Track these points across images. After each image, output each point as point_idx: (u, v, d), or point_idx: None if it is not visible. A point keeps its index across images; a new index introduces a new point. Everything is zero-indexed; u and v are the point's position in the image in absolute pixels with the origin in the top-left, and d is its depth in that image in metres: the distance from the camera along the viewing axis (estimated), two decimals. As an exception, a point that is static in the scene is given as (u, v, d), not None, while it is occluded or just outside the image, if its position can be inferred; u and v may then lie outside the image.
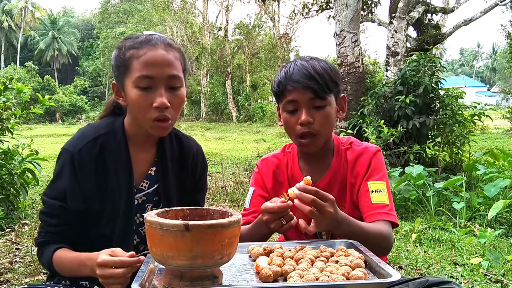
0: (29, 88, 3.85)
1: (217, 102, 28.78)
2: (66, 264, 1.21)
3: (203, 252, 0.91)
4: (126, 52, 1.22)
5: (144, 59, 1.19)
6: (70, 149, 1.25)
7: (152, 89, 1.20)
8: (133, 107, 1.23)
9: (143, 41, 1.22)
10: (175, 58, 1.23)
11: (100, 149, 1.26)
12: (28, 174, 3.84)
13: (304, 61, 1.36)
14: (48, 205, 1.25)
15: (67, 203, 1.23)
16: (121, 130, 1.31)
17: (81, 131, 1.32)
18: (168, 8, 28.40)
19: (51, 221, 1.24)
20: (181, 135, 1.45)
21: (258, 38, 29.49)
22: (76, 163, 1.24)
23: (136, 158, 1.31)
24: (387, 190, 1.38)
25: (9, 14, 45.96)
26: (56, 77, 46.59)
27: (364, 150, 1.43)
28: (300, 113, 1.33)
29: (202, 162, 1.46)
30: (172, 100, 1.22)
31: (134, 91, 1.20)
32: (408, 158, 4.72)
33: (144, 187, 1.34)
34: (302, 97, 1.31)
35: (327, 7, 11.16)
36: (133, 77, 1.20)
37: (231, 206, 4.48)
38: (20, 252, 2.95)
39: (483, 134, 12.53)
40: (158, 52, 1.20)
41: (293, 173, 1.47)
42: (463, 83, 39.10)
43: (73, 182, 1.23)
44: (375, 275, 1.07)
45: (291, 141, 1.48)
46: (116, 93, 1.29)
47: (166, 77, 1.20)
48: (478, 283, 2.35)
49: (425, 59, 5.15)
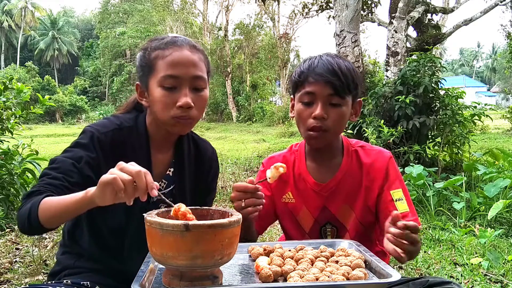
0: (29, 88, 3.85)
1: (217, 102, 28.77)
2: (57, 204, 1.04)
3: (203, 252, 0.91)
4: (151, 52, 1.23)
5: (170, 59, 1.20)
6: (95, 129, 1.23)
7: (177, 89, 1.21)
8: (157, 106, 1.23)
9: (168, 42, 1.23)
10: (199, 59, 1.25)
11: (122, 140, 1.26)
12: (28, 174, 3.84)
13: (330, 57, 1.35)
14: (58, 161, 1.16)
15: (80, 165, 1.16)
16: (144, 127, 1.31)
17: (107, 118, 1.32)
18: (168, 8, 28.39)
19: (55, 174, 1.13)
20: (197, 138, 1.46)
21: (258, 38, 29.48)
22: (97, 143, 1.21)
23: (156, 158, 1.32)
24: (405, 194, 1.38)
25: (9, 14, 45.94)
26: (56, 77, 46.57)
27: (379, 154, 1.42)
28: (316, 106, 1.31)
29: (215, 166, 1.48)
30: (196, 100, 1.23)
31: (158, 90, 1.21)
32: (408, 158, 4.72)
33: (162, 187, 1.35)
34: (321, 91, 1.30)
35: (327, 7, 11.16)
36: (158, 76, 1.20)
37: (231, 206, 4.49)
38: (20, 252, 2.95)
39: (483, 134, 12.53)
40: (184, 52, 1.22)
41: (300, 172, 1.45)
42: (463, 83, 39.09)
43: (94, 153, 1.19)
44: (375, 275, 1.07)
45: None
46: (139, 93, 1.30)
47: (191, 77, 1.21)
48: (478, 283, 2.35)
49: (425, 59, 5.14)
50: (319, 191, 1.41)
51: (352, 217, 1.42)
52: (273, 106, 24.63)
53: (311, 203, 1.43)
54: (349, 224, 1.42)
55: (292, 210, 1.46)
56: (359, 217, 1.41)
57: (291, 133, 16.04)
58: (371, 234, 1.48)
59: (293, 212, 1.46)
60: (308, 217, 1.44)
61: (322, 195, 1.41)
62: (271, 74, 29.72)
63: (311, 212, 1.43)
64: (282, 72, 28.20)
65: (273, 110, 23.01)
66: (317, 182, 1.42)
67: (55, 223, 1.07)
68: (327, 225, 1.43)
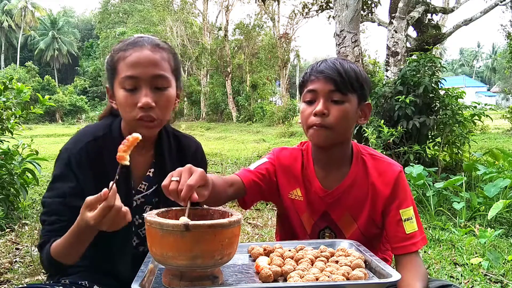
0: (29, 88, 3.85)
1: (217, 102, 28.77)
2: (63, 244, 1.15)
3: (203, 252, 0.91)
4: (114, 55, 1.24)
5: (129, 60, 1.20)
6: (68, 149, 1.25)
7: (137, 89, 1.20)
8: (121, 108, 1.24)
9: (130, 43, 1.23)
10: (162, 58, 1.23)
11: (98, 150, 1.26)
12: (28, 174, 3.84)
13: (335, 59, 1.34)
14: (47, 204, 1.23)
15: (67, 200, 1.22)
16: (118, 132, 1.30)
17: (79, 132, 1.32)
18: (168, 8, 28.39)
19: (50, 219, 1.22)
20: (179, 134, 1.44)
21: (258, 38, 29.47)
22: (75, 164, 1.23)
23: (134, 161, 1.30)
24: (414, 211, 1.33)
25: (9, 14, 45.94)
26: (56, 77, 46.59)
27: (388, 167, 1.37)
28: (317, 103, 1.29)
29: (201, 160, 1.45)
30: (158, 100, 1.21)
31: (120, 92, 1.21)
32: (408, 158, 4.72)
33: (142, 189, 1.33)
34: (322, 87, 1.29)
35: (327, 7, 11.16)
36: (119, 78, 1.21)
37: (231, 206, 4.48)
38: (20, 252, 2.95)
39: (483, 134, 12.53)
40: (143, 52, 1.20)
41: (308, 174, 1.42)
42: (463, 83, 39.06)
43: (74, 180, 1.23)
44: (375, 275, 1.07)
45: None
46: (110, 96, 1.30)
47: (151, 76, 1.20)
48: (478, 283, 2.35)
49: (425, 59, 5.14)
50: (324, 197, 1.39)
51: (354, 228, 1.39)
52: (273, 106, 24.63)
53: (314, 206, 1.41)
54: (349, 233, 1.39)
55: (298, 209, 1.44)
56: (362, 229, 1.39)
57: (291, 133, 16.05)
58: (375, 244, 1.45)
59: (298, 211, 1.44)
60: (310, 219, 1.43)
61: (326, 201, 1.39)
62: (271, 74, 29.71)
63: (311, 215, 1.42)
64: (282, 72, 28.20)
65: (273, 110, 23.00)
66: (323, 188, 1.39)
67: (74, 258, 1.17)
68: (326, 229, 1.42)
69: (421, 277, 1.21)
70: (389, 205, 1.34)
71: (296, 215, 1.44)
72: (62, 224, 1.21)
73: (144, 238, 1.34)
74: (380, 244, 1.49)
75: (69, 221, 1.20)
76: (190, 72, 32.31)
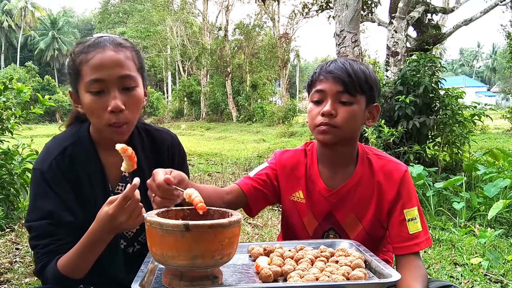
0: (29, 88, 3.85)
1: (217, 102, 28.76)
2: (72, 257, 1.14)
3: (203, 252, 0.91)
4: (76, 58, 1.20)
5: (93, 63, 1.16)
6: (39, 167, 1.22)
7: (105, 92, 1.17)
8: (89, 113, 1.21)
9: (91, 45, 1.19)
10: (126, 57, 1.20)
11: (69, 160, 1.24)
12: (28, 174, 3.83)
13: (345, 59, 1.33)
14: (35, 228, 1.19)
15: (54, 219, 1.19)
16: (87, 137, 1.28)
17: (46, 146, 1.29)
18: (168, 8, 28.38)
19: (43, 242, 1.18)
20: (151, 129, 1.41)
21: (258, 38, 29.46)
22: (50, 180, 1.20)
23: (108, 162, 1.29)
24: (419, 211, 1.33)
25: (9, 14, 45.96)
26: (56, 77, 46.58)
27: (394, 167, 1.36)
28: (325, 104, 1.28)
29: (179, 152, 1.43)
30: (127, 101, 1.18)
31: (87, 96, 1.17)
32: (408, 158, 4.72)
33: (121, 190, 1.31)
34: (330, 87, 1.28)
35: (327, 7, 11.15)
36: (84, 82, 1.17)
37: (231, 206, 4.48)
38: (20, 252, 2.95)
39: (483, 134, 12.53)
40: (107, 53, 1.17)
41: (311, 174, 1.41)
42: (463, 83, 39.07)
43: (55, 197, 1.20)
44: (375, 275, 1.07)
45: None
46: (74, 101, 1.26)
47: (117, 78, 1.17)
48: (478, 283, 2.35)
49: (425, 59, 5.14)
50: (328, 197, 1.38)
51: (359, 228, 1.38)
52: (273, 106, 24.63)
53: (318, 208, 1.40)
54: (353, 234, 1.38)
55: (300, 211, 1.43)
56: (367, 229, 1.38)
57: (291, 133, 16.05)
58: (380, 245, 1.45)
59: (300, 213, 1.43)
60: (312, 221, 1.41)
61: (330, 201, 1.38)
62: (271, 74, 29.71)
63: (315, 216, 1.40)
64: (282, 72, 28.20)
65: (273, 110, 23.00)
66: (327, 188, 1.38)
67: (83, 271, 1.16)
68: (330, 231, 1.41)
69: (421, 278, 1.20)
70: (394, 205, 1.33)
71: (298, 218, 1.44)
72: (57, 244, 1.18)
73: (130, 239, 1.33)
74: (382, 245, 1.48)
75: (63, 239, 1.19)
76: (190, 72, 32.28)
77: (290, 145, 10.85)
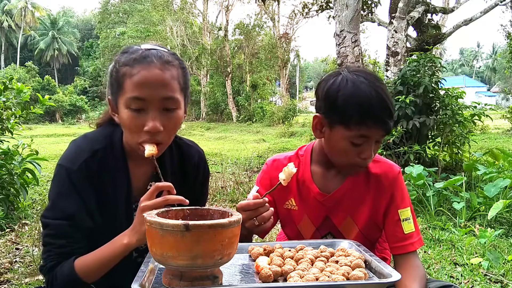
0: (29, 88, 3.86)
1: (217, 102, 28.77)
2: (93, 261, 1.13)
3: (203, 252, 0.91)
4: (120, 68, 1.15)
5: (136, 79, 1.11)
6: (67, 166, 1.18)
7: (145, 111, 1.12)
8: (125, 128, 1.18)
9: (137, 59, 1.13)
10: (171, 77, 1.14)
11: (98, 165, 1.20)
12: (28, 174, 3.84)
13: (379, 88, 1.22)
14: (54, 226, 1.16)
15: (76, 221, 1.16)
16: (119, 145, 1.25)
17: (76, 145, 1.24)
18: (168, 8, 28.38)
19: (59, 242, 1.16)
20: (182, 143, 1.37)
21: (258, 38, 29.47)
22: (76, 181, 1.17)
23: (135, 173, 1.27)
24: (411, 212, 1.35)
25: (9, 14, 45.96)
26: (56, 77, 46.59)
27: (388, 168, 1.37)
28: (367, 147, 1.24)
29: (204, 170, 1.40)
30: (166, 122, 1.14)
31: (125, 111, 1.13)
32: (408, 158, 4.72)
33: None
34: (376, 134, 1.23)
35: (327, 7, 11.15)
36: (125, 97, 1.13)
37: (231, 206, 4.48)
38: (20, 252, 2.95)
39: (483, 134, 12.54)
40: (152, 71, 1.11)
41: (304, 179, 1.40)
42: (463, 83, 39.10)
43: (78, 200, 1.17)
44: (375, 275, 1.07)
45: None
46: (111, 109, 1.22)
47: (160, 99, 1.12)
48: (478, 283, 2.35)
49: (425, 59, 5.15)
50: (323, 201, 1.37)
51: (355, 231, 1.39)
52: (273, 106, 24.64)
53: (313, 212, 1.39)
54: (350, 237, 1.38)
55: (294, 218, 1.42)
56: (363, 231, 1.38)
57: (291, 133, 16.06)
58: (374, 244, 1.46)
59: (294, 220, 1.43)
60: (309, 226, 1.41)
61: (326, 205, 1.38)
62: (271, 74, 29.73)
63: (312, 221, 1.40)
64: (282, 72, 28.22)
65: (273, 110, 23.01)
66: (321, 192, 1.37)
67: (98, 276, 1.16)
68: (328, 236, 1.41)
69: (419, 278, 1.21)
70: (389, 206, 1.35)
71: (293, 225, 1.44)
72: (73, 246, 1.17)
73: (142, 251, 1.30)
74: (377, 243, 1.49)
75: (79, 243, 1.18)
76: (190, 72, 32.26)
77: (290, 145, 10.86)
